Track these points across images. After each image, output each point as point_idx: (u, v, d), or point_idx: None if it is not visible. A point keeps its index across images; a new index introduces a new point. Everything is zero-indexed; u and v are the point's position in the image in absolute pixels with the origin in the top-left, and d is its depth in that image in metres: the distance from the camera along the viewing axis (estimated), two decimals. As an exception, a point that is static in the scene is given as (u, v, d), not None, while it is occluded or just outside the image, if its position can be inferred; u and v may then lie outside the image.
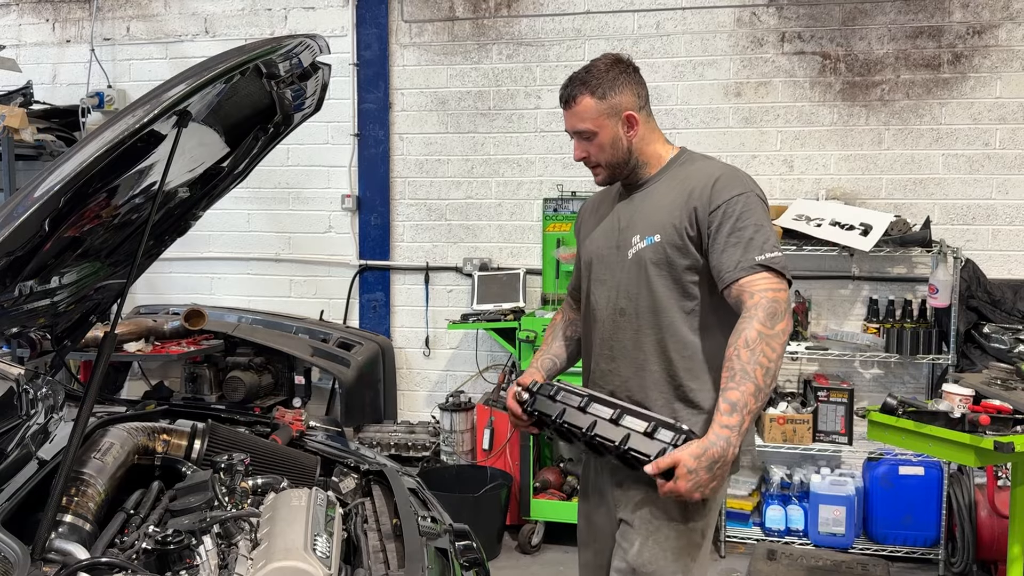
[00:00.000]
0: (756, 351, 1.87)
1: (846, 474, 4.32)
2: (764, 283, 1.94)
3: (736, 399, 1.85)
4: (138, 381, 5.13)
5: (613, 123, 2.12)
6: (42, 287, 1.92)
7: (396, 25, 4.90)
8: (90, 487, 1.87)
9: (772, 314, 1.90)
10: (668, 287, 2.08)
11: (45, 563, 1.56)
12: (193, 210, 2.55)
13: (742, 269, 1.96)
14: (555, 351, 2.42)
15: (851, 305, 4.50)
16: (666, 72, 4.60)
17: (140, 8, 5.22)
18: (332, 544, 1.83)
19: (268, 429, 2.67)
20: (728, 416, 1.85)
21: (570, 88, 2.15)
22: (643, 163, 2.18)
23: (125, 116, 1.42)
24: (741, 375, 1.86)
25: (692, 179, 2.10)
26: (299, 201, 5.10)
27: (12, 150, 4.60)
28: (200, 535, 1.77)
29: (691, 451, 1.84)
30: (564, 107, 2.17)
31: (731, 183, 2.04)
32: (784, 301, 1.94)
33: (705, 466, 1.83)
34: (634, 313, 2.13)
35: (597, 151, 2.15)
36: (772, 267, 1.95)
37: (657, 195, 2.15)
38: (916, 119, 4.37)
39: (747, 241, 1.98)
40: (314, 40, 1.93)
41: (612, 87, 2.11)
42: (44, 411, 2.33)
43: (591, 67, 2.15)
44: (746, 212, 2.00)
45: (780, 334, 1.91)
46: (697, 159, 2.19)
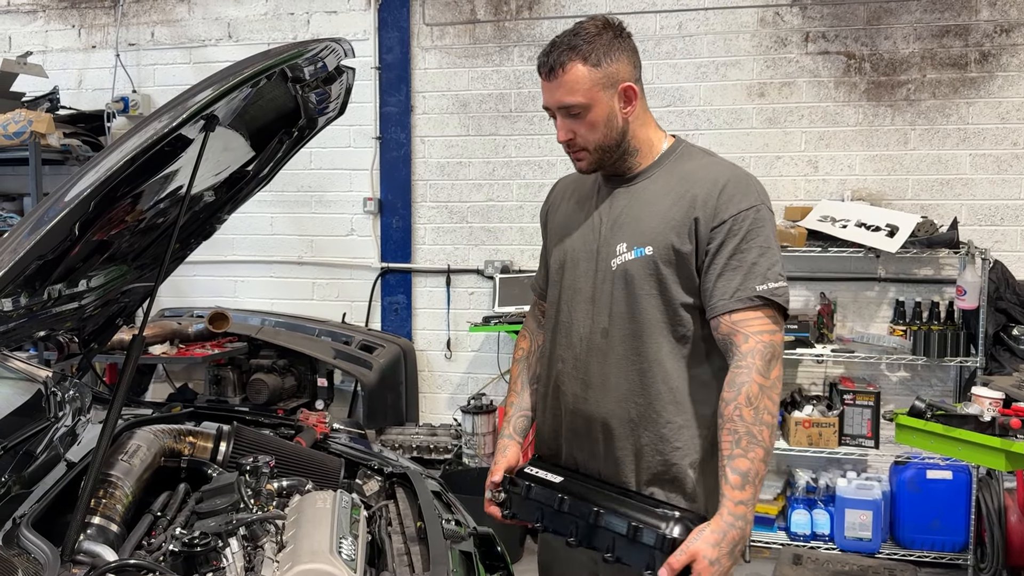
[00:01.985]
0: (760, 409, 1.66)
1: (872, 478, 4.28)
2: (759, 324, 1.71)
3: (747, 469, 1.64)
4: (162, 383, 5.17)
5: (608, 96, 1.78)
6: (70, 290, 1.93)
7: (418, 28, 4.91)
8: (117, 489, 1.89)
9: (768, 361, 1.69)
10: (657, 310, 1.80)
11: (74, 565, 1.58)
12: (218, 214, 2.57)
13: (738, 300, 1.72)
14: (525, 404, 2.13)
15: (877, 307, 4.45)
16: (688, 73, 4.58)
17: (164, 14, 5.27)
18: (357, 547, 1.83)
19: (292, 431, 2.68)
20: (740, 491, 1.64)
21: (555, 54, 1.78)
22: (634, 149, 1.84)
23: (153, 121, 1.43)
24: (748, 439, 1.65)
25: (694, 182, 1.79)
26: (322, 204, 5.12)
27: (39, 155, 4.65)
28: (226, 537, 1.77)
29: (708, 539, 1.62)
30: (548, 77, 1.80)
31: (740, 193, 1.75)
32: (780, 344, 1.72)
33: (727, 552, 1.62)
34: (617, 336, 1.85)
35: (587, 130, 1.80)
36: (774, 300, 1.72)
37: (650, 195, 1.84)
38: (943, 119, 4.32)
39: (749, 266, 1.72)
40: (339, 44, 1.93)
41: (608, 53, 1.77)
42: (72, 413, 2.35)
43: (578, 30, 1.79)
44: (753, 231, 1.73)
45: (777, 382, 1.70)
46: (696, 154, 1.88)
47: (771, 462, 2.11)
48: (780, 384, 1.72)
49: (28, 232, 1.26)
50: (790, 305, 1.81)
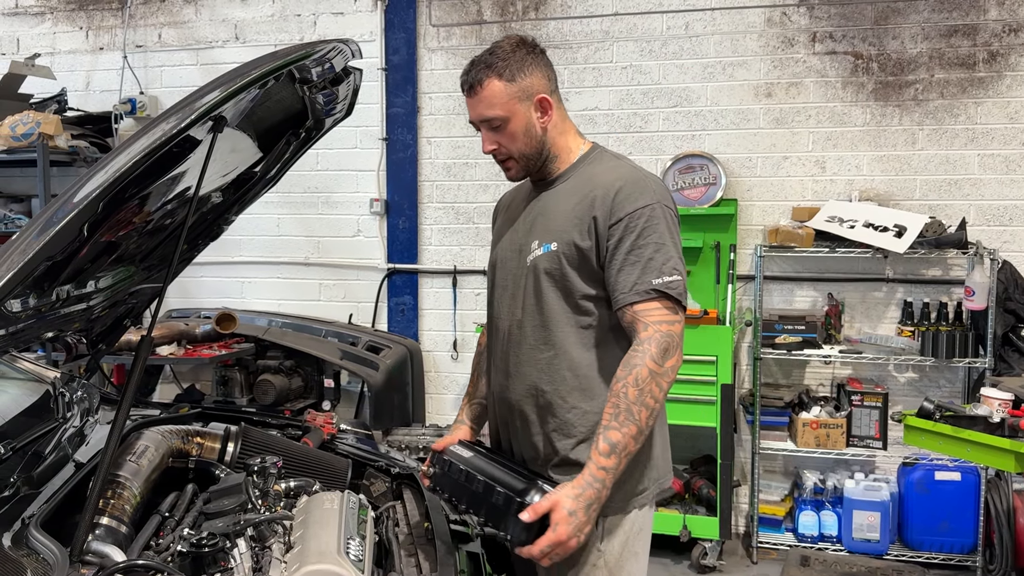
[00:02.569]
0: (645, 391, 1.76)
1: (880, 479, 4.26)
2: (658, 314, 1.81)
3: (617, 440, 1.75)
4: (170, 384, 5.18)
5: (525, 108, 1.93)
6: (78, 291, 1.94)
7: (424, 29, 4.92)
8: (126, 490, 1.89)
9: (664, 349, 1.79)
10: (561, 300, 1.93)
11: (83, 565, 1.58)
12: (226, 215, 2.57)
13: (636, 293, 1.83)
14: (480, 393, 2.25)
15: (885, 308, 4.43)
16: (695, 73, 4.57)
17: (171, 15, 5.28)
18: (365, 547, 1.84)
19: (299, 432, 2.68)
20: (606, 458, 1.75)
21: (474, 72, 1.94)
22: (553, 156, 2.01)
23: (161, 122, 1.43)
24: (626, 415, 1.76)
25: (596, 183, 1.92)
26: (328, 205, 5.13)
27: (47, 156, 4.67)
28: (234, 538, 1.78)
29: (567, 492, 1.74)
30: (468, 94, 1.96)
31: (636, 192, 1.87)
32: (678, 334, 1.82)
33: (583, 506, 1.72)
34: (528, 327, 1.98)
35: (509, 141, 1.95)
36: (668, 294, 1.82)
37: (560, 197, 1.98)
38: (951, 119, 4.31)
39: (646, 261, 1.83)
40: (346, 44, 1.94)
41: (521, 68, 1.93)
42: (80, 414, 2.36)
43: (494, 49, 1.95)
44: (649, 227, 1.84)
45: (669, 371, 1.79)
46: (607, 159, 2.02)
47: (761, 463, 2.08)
48: (673, 375, 1.81)
49: (37, 233, 1.26)
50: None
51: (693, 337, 4.09)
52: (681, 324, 1.84)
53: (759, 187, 4.54)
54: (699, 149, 4.54)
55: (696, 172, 4.48)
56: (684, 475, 4.44)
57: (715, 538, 4.13)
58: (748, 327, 4.49)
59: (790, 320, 4.27)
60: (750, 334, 4.45)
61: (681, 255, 1.88)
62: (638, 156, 4.65)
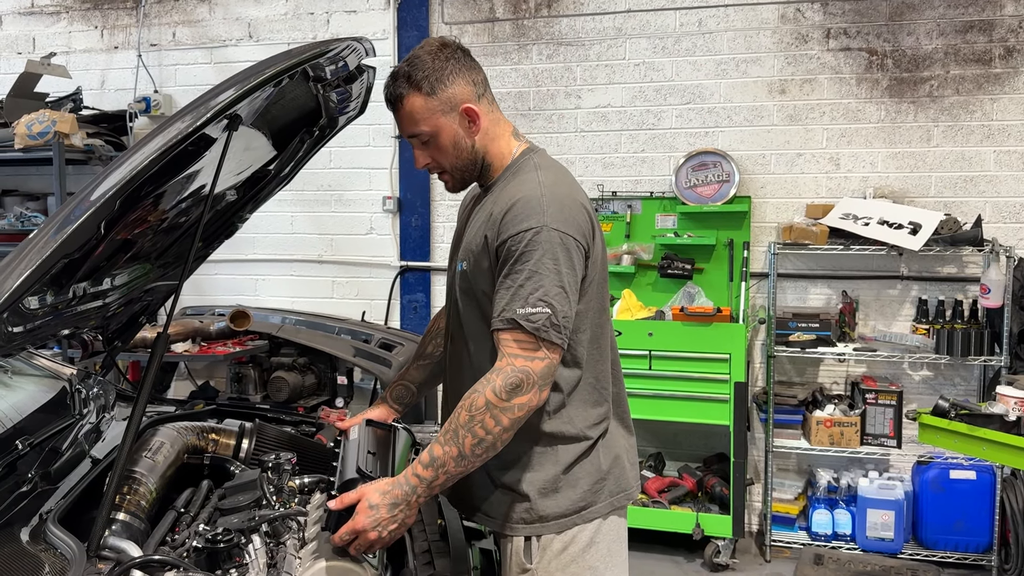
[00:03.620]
0: (476, 419, 1.69)
1: (895, 478, 4.25)
2: (515, 347, 1.71)
3: (438, 456, 1.71)
4: (184, 381, 5.21)
5: (451, 120, 1.82)
6: (94, 289, 1.95)
7: (437, 27, 4.92)
8: (142, 485, 1.90)
9: (512, 386, 1.68)
10: (475, 319, 1.87)
11: (100, 560, 1.59)
12: (240, 213, 2.58)
13: (500, 320, 1.73)
14: (410, 376, 2.24)
15: (900, 305, 4.41)
16: (709, 70, 4.56)
17: (185, 14, 5.31)
18: (379, 544, 1.84)
19: (313, 429, 2.69)
20: (424, 468, 1.72)
21: (393, 87, 1.83)
22: (488, 164, 1.91)
23: (177, 120, 1.44)
24: (452, 436, 1.70)
25: (499, 200, 1.82)
26: (341, 203, 5.15)
27: (63, 155, 4.70)
28: (249, 534, 1.79)
29: (377, 486, 1.73)
30: (392, 110, 1.86)
31: (524, 214, 1.74)
32: (536, 372, 1.70)
33: (388, 503, 1.71)
34: (458, 342, 1.95)
35: (439, 155, 1.86)
36: (524, 326, 1.69)
37: (480, 211, 1.90)
38: (966, 115, 4.28)
39: (516, 289, 1.72)
40: (360, 43, 1.94)
41: (441, 78, 1.80)
42: (96, 411, 2.37)
43: (412, 58, 1.83)
44: (527, 253, 1.71)
45: (514, 408, 1.69)
46: (526, 169, 1.87)
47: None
48: (520, 412, 1.70)
49: (55, 231, 1.27)
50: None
51: (706, 335, 4.09)
52: (544, 361, 1.71)
53: (773, 184, 4.52)
54: (712, 146, 4.53)
55: (709, 169, 4.47)
56: (697, 473, 4.44)
57: (728, 536, 4.12)
58: (762, 325, 4.47)
59: (804, 318, 4.25)
60: (763, 332, 4.44)
61: (564, 284, 1.72)
62: (651, 153, 4.64)
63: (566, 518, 1.86)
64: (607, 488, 1.91)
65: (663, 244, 4.57)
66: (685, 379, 4.13)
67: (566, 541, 1.87)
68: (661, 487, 4.32)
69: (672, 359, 4.11)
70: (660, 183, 4.63)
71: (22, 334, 1.62)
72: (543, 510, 1.85)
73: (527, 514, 1.86)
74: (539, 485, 1.85)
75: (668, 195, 4.58)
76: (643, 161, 4.67)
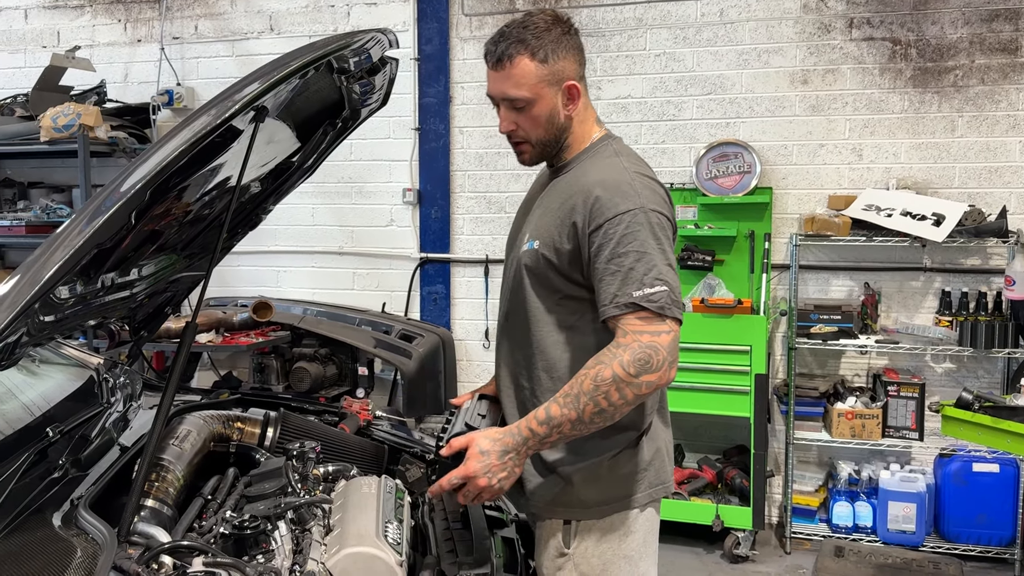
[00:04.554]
0: (600, 390, 1.67)
1: (917, 471, 4.22)
2: (638, 325, 1.70)
3: (555, 415, 1.71)
4: (207, 371, 5.26)
5: (552, 93, 1.81)
6: (122, 279, 1.98)
7: (456, 19, 4.92)
8: (169, 473, 1.94)
9: (641, 360, 1.67)
10: (541, 299, 1.87)
11: (130, 545, 1.62)
12: (264, 204, 2.60)
13: (616, 307, 1.72)
14: None
15: (923, 297, 4.38)
16: (730, 60, 4.53)
17: (207, 7, 5.34)
18: (403, 531, 1.86)
19: (336, 418, 2.72)
20: (539, 424, 1.72)
21: (503, 45, 1.80)
22: (567, 144, 1.90)
23: (204, 112, 1.46)
24: (573, 400, 1.70)
25: (580, 184, 1.82)
26: (362, 195, 5.17)
27: (87, 147, 4.75)
28: (275, 520, 1.82)
29: (487, 433, 1.75)
30: (495, 67, 1.82)
31: (615, 198, 1.75)
32: (664, 346, 1.69)
33: (498, 450, 1.72)
34: (513, 322, 1.95)
35: (529, 125, 1.84)
36: (648, 307, 1.69)
37: (555, 191, 1.90)
38: (991, 105, 4.23)
39: (626, 272, 1.71)
40: (384, 34, 1.95)
41: (556, 50, 1.80)
42: (123, 399, 2.41)
43: (528, 23, 1.81)
44: (628, 235, 1.72)
45: (641, 385, 1.68)
46: (605, 154, 1.88)
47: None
48: (646, 390, 1.70)
49: (86, 222, 1.30)
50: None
51: (726, 327, 4.09)
52: (670, 334, 1.70)
53: (794, 175, 4.50)
54: (733, 137, 4.51)
55: (730, 160, 4.46)
56: (717, 465, 4.43)
57: (748, 528, 4.12)
58: (783, 317, 4.46)
59: (825, 310, 4.23)
60: (785, 324, 4.42)
61: (671, 261, 1.75)
62: (672, 144, 4.63)
63: (607, 505, 1.88)
64: (647, 479, 1.92)
65: (683, 235, 4.56)
66: (705, 371, 4.13)
67: (604, 528, 1.88)
68: (681, 479, 4.32)
69: (692, 351, 4.11)
70: (680, 174, 4.61)
71: (53, 323, 1.65)
72: (585, 496, 1.87)
73: (568, 498, 1.88)
74: (584, 471, 1.87)
75: (688, 186, 4.57)
76: (663, 152, 4.65)
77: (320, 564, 1.69)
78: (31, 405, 2.15)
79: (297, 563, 1.70)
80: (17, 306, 1.24)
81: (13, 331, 1.32)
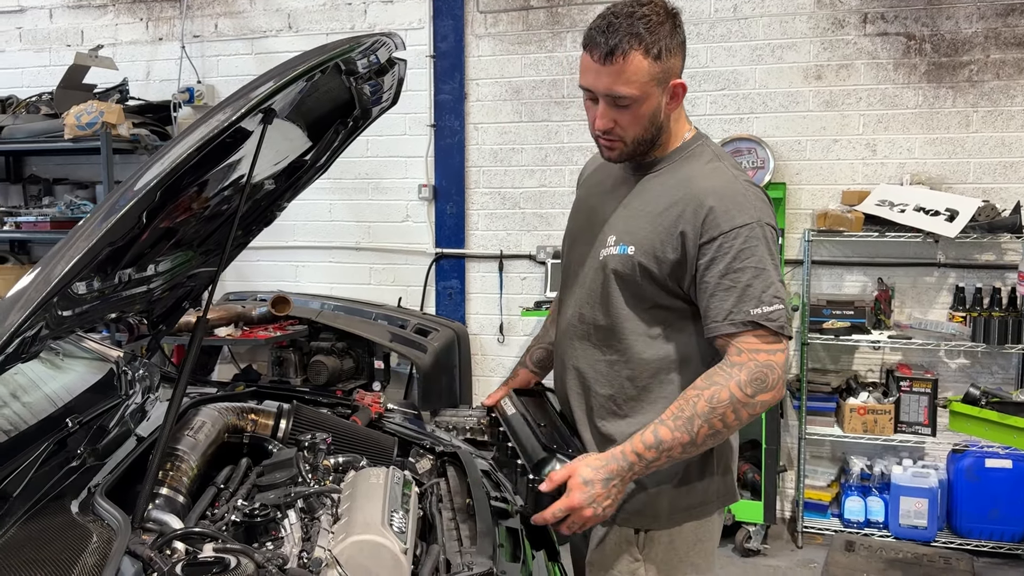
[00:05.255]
0: (717, 411, 1.65)
1: (929, 466, 4.23)
2: (754, 343, 1.66)
3: (665, 439, 1.67)
4: (228, 364, 5.36)
5: (659, 92, 1.71)
6: (139, 275, 2.04)
7: (471, 16, 4.96)
8: (184, 462, 1.99)
9: (758, 380, 1.64)
10: (630, 307, 1.80)
11: (144, 531, 1.69)
12: (278, 201, 2.66)
13: (731, 324, 1.67)
14: (547, 338, 2.18)
15: (937, 293, 4.37)
16: (744, 56, 4.54)
17: (227, 5, 5.42)
18: (408, 520, 1.91)
19: (349, 411, 2.77)
20: (646, 449, 1.68)
21: (615, 38, 1.65)
22: (661, 143, 1.81)
23: (213, 115, 1.51)
24: (686, 423, 1.66)
25: (688, 190, 1.74)
26: (378, 191, 5.23)
27: (110, 144, 4.85)
28: (285, 509, 1.87)
29: (588, 462, 1.69)
30: (604, 61, 1.67)
31: (732, 209, 1.69)
32: (779, 365, 1.66)
33: (602, 479, 1.67)
34: (591, 325, 1.87)
35: (630, 123, 1.73)
36: (767, 326, 1.66)
37: (648, 192, 1.80)
38: (1007, 100, 4.21)
39: (743, 288, 1.66)
40: (390, 38, 2.00)
41: (670, 47, 1.69)
42: (141, 391, 2.48)
43: (640, 14, 1.66)
44: (746, 250, 1.67)
45: (757, 405, 1.66)
46: (703, 155, 1.81)
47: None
48: (760, 409, 1.67)
49: (101, 220, 1.35)
50: (850, 290, 1.85)
51: (738, 322, 4.10)
52: (783, 354, 1.68)
53: (808, 171, 4.50)
54: (747, 133, 4.52)
55: (744, 156, 4.47)
56: (729, 459, 4.45)
57: (759, 522, 4.14)
58: (794, 312, 4.47)
59: (838, 305, 4.24)
60: (798, 319, 4.43)
61: (782, 279, 1.73)
62: (685, 140, 4.64)
63: (679, 514, 1.87)
64: (716, 488, 1.91)
65: (696, 231, 4.57)
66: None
67: (674, 535, 1.87)
68: (693, 473, 4.34)
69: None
70: (694, 170, 4.62)
71: (71, 317, 1.71)
72: (660, 505, 1.85)
73: (644, 507, 1.86)
74: (661, 480, 1.84)
75: (702, 182, 4.57)
76: (677, 148, 4.66)
77: (327, 551, 1.74)
78: (53, 396, 2.22)
79: (305, 550, 1.75)
80: (32, 303, 1.30)
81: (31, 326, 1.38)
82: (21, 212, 5.19)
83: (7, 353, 1.36)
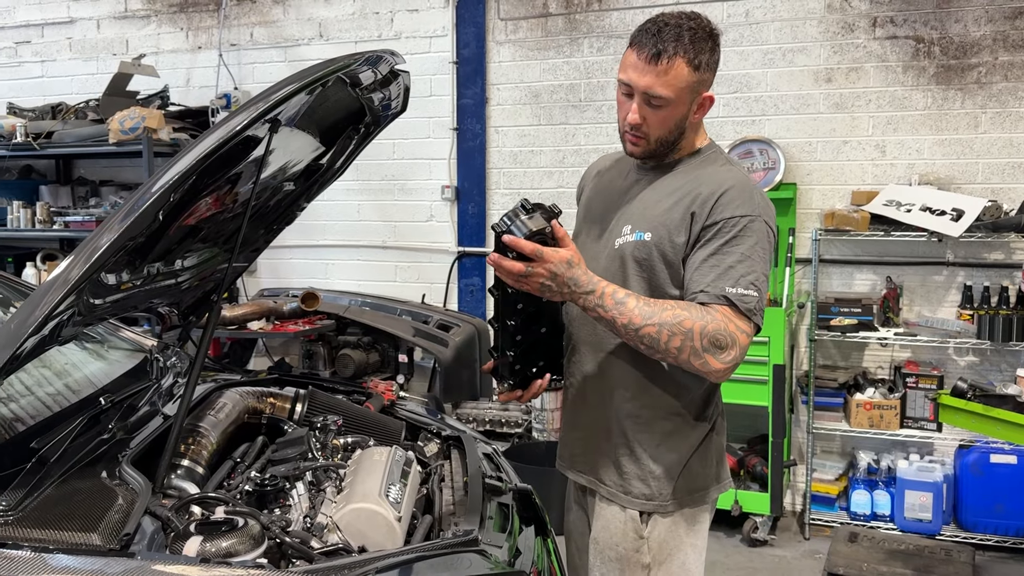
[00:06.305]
0: (672, 330, 1.74)
1: (935, 461, 4.31)
2: (728, 314, 1.77)
3: (625, 308, 1.76)
4: (262, 358, 5.60)
5: (690, 100, 1.85)
6: (168, 269, 2.26)
7: (493, 23, 5.15)
8: (204, 438, 2.21)
9: (718, 340, 1.74)
10: (643, 287, 1.90)
11: (165, 497, 1.90)
12: (298, 202, 2.86)
13: (706, 294, 1.78)
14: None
15: (945, 292, 4.44)
16: (755, 59, 4.66)
17: (262, 15, 5.67)
18: (404, 492, 2.10)
19: (363, 397, 2.97)
20: (611, 299, 1.77)
21: (664, 43, 1.79)
22: (679, 147, 1.95)
23: (223, 124, 1.71)
24: (647, 313, 1.75)
25: (702, 183, 1.88)
26: (403, 192, 5.44)
27: (151, 148, 5.11)
28: (294, 480, 2.08)
29: (579, 256, 1.77)
30: (650, 61, 1.80)
31: (740, 200, 1.83)
32: (740, 345, 1.76)
33: (575, 276, 1.75)
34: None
35: (658, 123, 1.86)
36: (736, 305, 1.77)
37: (664, 187, 1.94)
38: (1015, 101, 4.27)
39: (725, 268, 1.78)
40: (389, 55, 2.18)
41: (710, 61, 1.85)
42: (171, 376, 2.70)
43: (688, 26, 1.82)
44: (739, 238, 1.80)
45: (700, 358, 1.75)
46: (719, 159, 1.97)
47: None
48: (696, 366, 1.76)
49: (122, 218, 1.56)
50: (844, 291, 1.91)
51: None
52: (748, 337, 1.77)
53: (819, 171, 4.60)
54: (759, 134, 4.63)
55: (756, 157, 4.58)
56: (739, 453, 4.57)
57: (766, 513, 4.26)
58: (801, 309, 4.57)
59: (846, 303, 4.33)
60: (808, 316, 4.54)
61: (767, 273, 1.81)
62: (698, 142, 4.77)
63: (682, 497, 2.01)
64: (714, 474, 2.05)
65: (709, 230, 4.69)
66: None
67: (675, 519, 2.01)
68: (703, 465, 4.47)
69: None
70: (707, 171, 4.75)
71: (101, 306, 1.92)
72: (665, 488, 1.99)
73: (648, 490, 1.98)
74: (666, 464, 1.97)
75: (714, 183, 4.69)
76: (691, 150, 4.79)
77: (328, 517, 1.94)
78: (92, 378, 2.45)
79: (309, 516, 1.95)
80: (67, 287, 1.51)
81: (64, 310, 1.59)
82: (69, 212, 5.49)
83: (42, 335, 1.57)
